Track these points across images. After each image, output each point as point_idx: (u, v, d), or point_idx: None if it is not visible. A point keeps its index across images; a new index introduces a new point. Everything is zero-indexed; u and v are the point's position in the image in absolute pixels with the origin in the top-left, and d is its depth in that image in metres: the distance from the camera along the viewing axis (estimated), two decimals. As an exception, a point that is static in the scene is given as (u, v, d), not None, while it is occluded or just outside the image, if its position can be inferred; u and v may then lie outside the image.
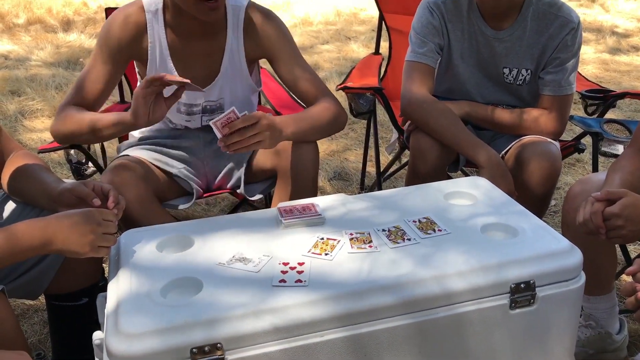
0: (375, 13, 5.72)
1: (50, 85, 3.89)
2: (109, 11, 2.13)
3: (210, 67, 1.76)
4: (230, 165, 1.86)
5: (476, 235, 1.32)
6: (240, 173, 1.83)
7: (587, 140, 2.01)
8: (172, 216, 1.83)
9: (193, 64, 1.74)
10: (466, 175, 2.50)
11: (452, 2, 1.88)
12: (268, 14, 1.77)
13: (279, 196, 1.75)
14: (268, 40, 1.75)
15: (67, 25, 5.38)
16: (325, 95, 1.76)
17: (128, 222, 1.58)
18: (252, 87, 1.87)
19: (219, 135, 1.46)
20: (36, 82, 3.93)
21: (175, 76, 1.51)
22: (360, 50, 4.77)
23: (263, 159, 1.79)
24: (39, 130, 3.31)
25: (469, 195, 1.51)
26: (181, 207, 1.79)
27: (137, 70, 1.86)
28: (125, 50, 1.68)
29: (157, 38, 1.69)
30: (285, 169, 1.71)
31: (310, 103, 1.77)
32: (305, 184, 1.72)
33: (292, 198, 1.70)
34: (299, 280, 1.17)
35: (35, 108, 3.54)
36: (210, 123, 1.44)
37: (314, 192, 1.76)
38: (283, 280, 1.17)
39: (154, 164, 1.76)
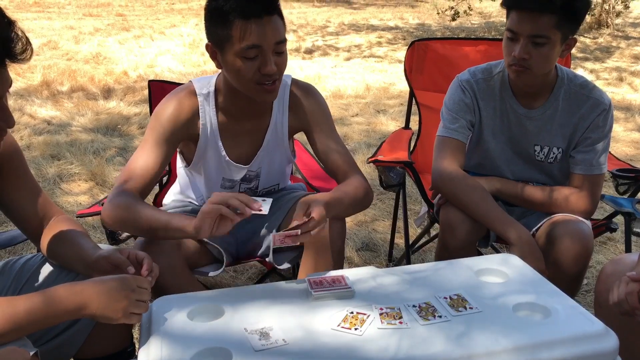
0: (403, 87, 5.87)
1: (89, 150, 4.03)
2: (152, 84, 2.24)
3: (255, 141, 1.83)
4: (260, 233, 1.89)
5: (508, 315, 1.31)
6: (269, 241, 1.86)
7: (619, 219, 1.99)
8: (202, 283, 1.85)
9: (240, 141, 1.80)
10: (496, 251, 2.48)
11: (485, 80, 1.94)
12: (310, 90, 1.85)
13: (306, 267, 1.76)
14: (309, 114, 1.82)
15: (107, 93, 5.62)
16: (356, 172, 1.80)
17: (159, 290, 1.59)
18: (288, 158, 1.93)
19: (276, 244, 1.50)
20: (75, 147, 4.08)
21: (253, 205, 1.45)
22: (389, 123, 4.86)
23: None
24: (76, 193, 3.41)
25: (501, 272, 1.50)
26: (211, 274, 1.81)
27: (178, 149, 1.89)
28: (178, 133, 1.71)
29: (209, 119, 1.75)
30: (313, 240, 1.73)
31: (339, 177, 1.82)
32: (332, 256, 1.73)
33: (318, 269, 1.71)
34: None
35: (73, 172, 3.66)
36: (271, 235, 1.49)
37: (340, 263, 1.76)
38: (312, 354, 1.16)
39: None
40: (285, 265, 1.86)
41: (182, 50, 7.74)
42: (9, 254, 2.63)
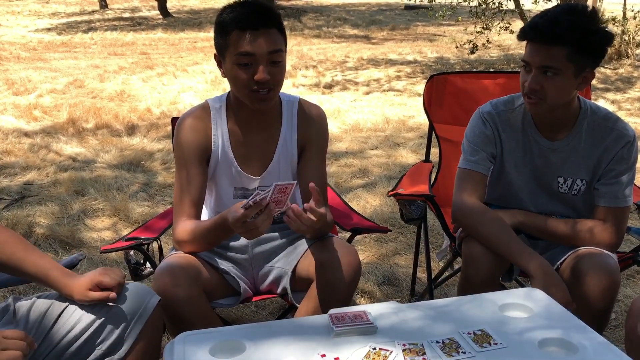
0: (422, 120, 5.88)
1: (113, 186, 4.09)
2: (175, 121, 2.28)
3: (265, 154, 1.88)
4: (277, 271, 1.90)
5: (534, 351, 1.28)
6: (285, 283, 1.86)
7: (647, 252, 1.95)
8: (221, 317, 1.85)
9: (250, 152, 1.87)
10: (521, 285, 2.44)
11: (507, 112, 1.94)
12: (318, 111, 1.94)
13: (303, 307, 1.78)
14: (310, 134, 1.90)
15: (131, 129, 5.72)
16: (325, 205, 1.85)
17: (178, 322, 1.61)
18: (294, 177, 1.95)
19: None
20: (100, 183, 4.14)
21: (256, 203, 1.52)
22: (408, 156, 4.86)
23: (306, 270, 1.82)
24: (99, 229, 3.45)
25: (525, 307, 1.47)
26: (229, 305, 1.84)
27: None
28: (201, 151, 1.83)
29: (220, 130, 1.84)
30: (324, 284, 1.73)
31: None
32: (340, 298, 1.72)
33: (315, 310, 1.72)
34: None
35: (97, 208, 3.71)
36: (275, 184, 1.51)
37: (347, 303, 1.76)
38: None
39: (205, 261, 1.81)
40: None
41: (204, 87, 7.87)
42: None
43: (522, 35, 1.78)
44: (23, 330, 1.42)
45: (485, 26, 9.69)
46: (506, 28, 9.50)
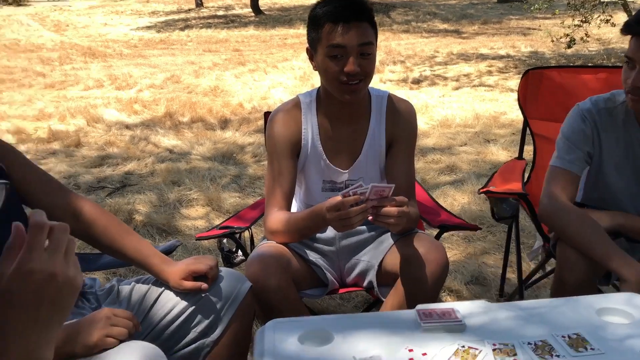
0: (515, 117, 5.69)
1: (206, 177, 4.26)
2: (267, 116, 2.35)
3: (353, 148, 1.90)
4: (363, 264, 1.92)
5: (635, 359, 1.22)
6: (372, 276, 1.87)
7: None
8: (307, 307, 1.90)
9: (339, 145, 1.90)
10: (619, 289, 2.32)
11: (607, 110, 1.85)
12: (407, 107, 1.94)
13: (389, 302, 1.78)
14: (397, 127, 1.90)
15: (224, 123, 5.92)
16: (412, 201, 1.85)
17: (268, 309, 1.66)
18: (382, 174, 1.95)
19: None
20: (194, 174, 4.33)
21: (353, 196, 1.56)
22: (499, 153, 4.71)
23: (392, 265, 1.82)
24: (194, 218, 3.61)
25: (625, 313, 1.40)
26: (316, 296, 1.88)
27: None
28: (292, 144, 1.87)
29: (310, 125, 1.88)
30: (410, 280, 1.72)
31: None
32: (426, 294, 1.71)
33: (409, 302, 1.71)
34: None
35: (192, 197, 3.88)
36: (372, 185, 1.53)
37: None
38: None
39: (294, 251, 1.86)
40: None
41: (293, 83, 8.00)
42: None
43: (626, 29, 1.68)
44: (125, 309, 1.53)
45: (584, 19, 9.19)
46: (607, 21, 8.96)
